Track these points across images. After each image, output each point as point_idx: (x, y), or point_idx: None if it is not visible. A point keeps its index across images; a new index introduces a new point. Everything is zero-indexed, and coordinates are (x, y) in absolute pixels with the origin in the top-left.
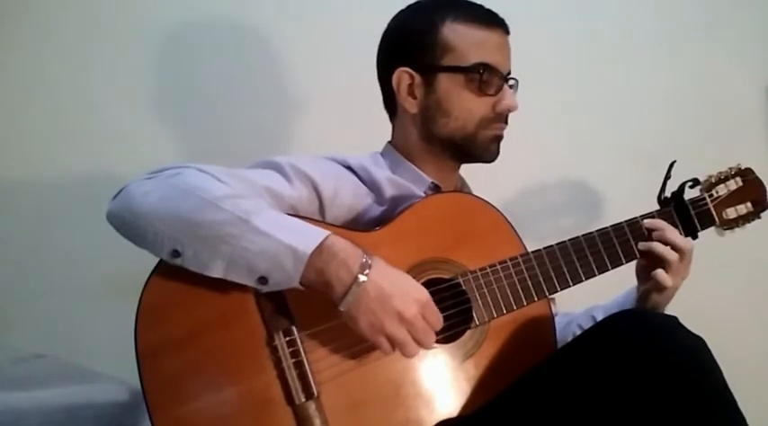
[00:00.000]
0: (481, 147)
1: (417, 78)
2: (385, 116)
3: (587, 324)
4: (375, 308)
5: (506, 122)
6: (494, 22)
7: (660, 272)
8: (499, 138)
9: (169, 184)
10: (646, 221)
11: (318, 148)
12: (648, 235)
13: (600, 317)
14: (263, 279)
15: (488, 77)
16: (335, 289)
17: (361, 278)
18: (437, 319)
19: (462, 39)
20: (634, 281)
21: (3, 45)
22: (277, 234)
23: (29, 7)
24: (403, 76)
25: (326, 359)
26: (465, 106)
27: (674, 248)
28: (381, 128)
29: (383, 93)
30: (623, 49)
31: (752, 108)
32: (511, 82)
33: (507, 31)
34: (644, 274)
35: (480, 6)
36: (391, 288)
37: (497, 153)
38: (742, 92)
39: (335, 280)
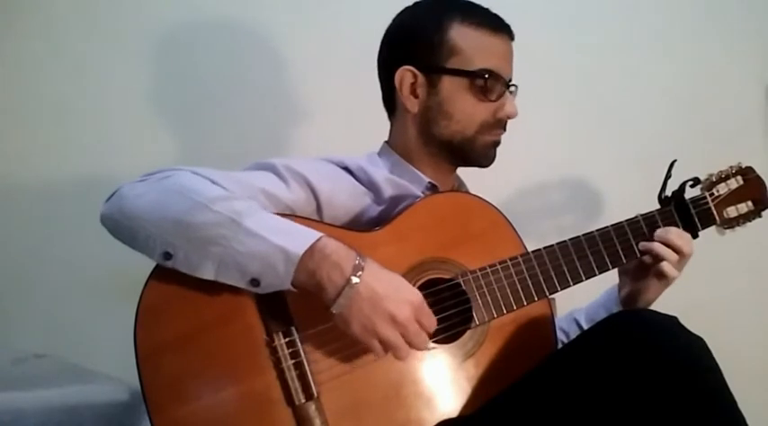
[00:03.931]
0: (479, 152)
1: (420, 78)
2: (387, 121)
3: (570, 327)
4: (367, 311)
5: (505, 129)
6: (500, 27)
7: (665, 264)
8: (497, 144)
9: (161, 186)
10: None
11: (319, 151)
12: (649, 233)
13: (582, 319)
14: (254, 281)
15: (492, 84)
16: (327, 291)
17: (354, 279)
18: (430, 321)
19: (469, 43)
20: None
21: (2, 45)
22: (268, 235)
23: (28, 8)
24: (406, 75)
25: (326, 360)
26: (466, 110)
27: (676, 251)
28: (383, 131)
29: (383, 91)
30: (623, 49)
31: (752, 107)
32: (511, 88)
33: (512, 38)
34: (638, 272)
35: (487, 10)
36: (384, 289)
37: (494, 158)
38: (742, 91)
39: (327, 282)
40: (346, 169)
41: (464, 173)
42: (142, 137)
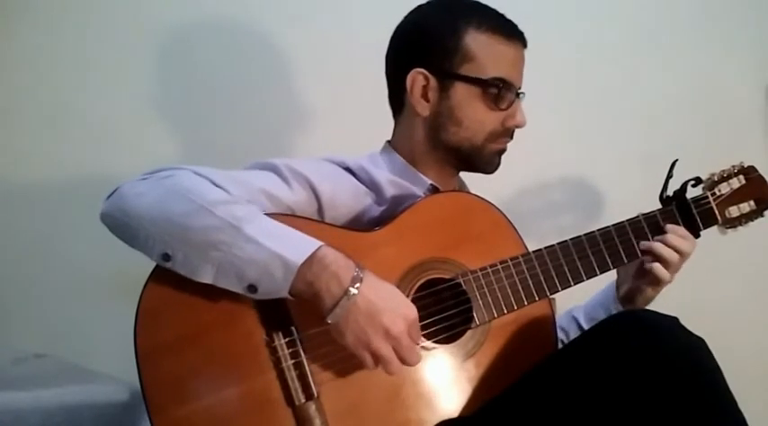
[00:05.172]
0: (485, 160)
1: (433, 81)
2: (388, 122)
3: (569, 325)
4: (363, 322)
5: (512, 137)
6: (515, 35)
7: (657, 266)
8: (502, 152)
9: (163, 186)
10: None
11: (320, 151)
12: (651, 233)
13: (581, 317)
14: (252, 287)
15: (504, 93)
16: (325, 301)
17: (352, 291)
18: (417, 336)
19: (484, 50)
20: None
21: (1, 45)
22: (268, 242)
23: (29, 7)
24: (418, 78)
25: (326, 360)
26: (477, 118)
27: (676, 250)
28: (384, 132)
29: (391, 89)
30: (624, 49)
31: (752, 107)
32: (520, 96)
33: (525, 45)
34: (639, 271)
35: (502, 16)
36: (381, 302)
37: (498, 166)
38: (742, 91)
39: (325, 292)
40: (348, 169)
41: (465, 173)
42: (142, 136)
